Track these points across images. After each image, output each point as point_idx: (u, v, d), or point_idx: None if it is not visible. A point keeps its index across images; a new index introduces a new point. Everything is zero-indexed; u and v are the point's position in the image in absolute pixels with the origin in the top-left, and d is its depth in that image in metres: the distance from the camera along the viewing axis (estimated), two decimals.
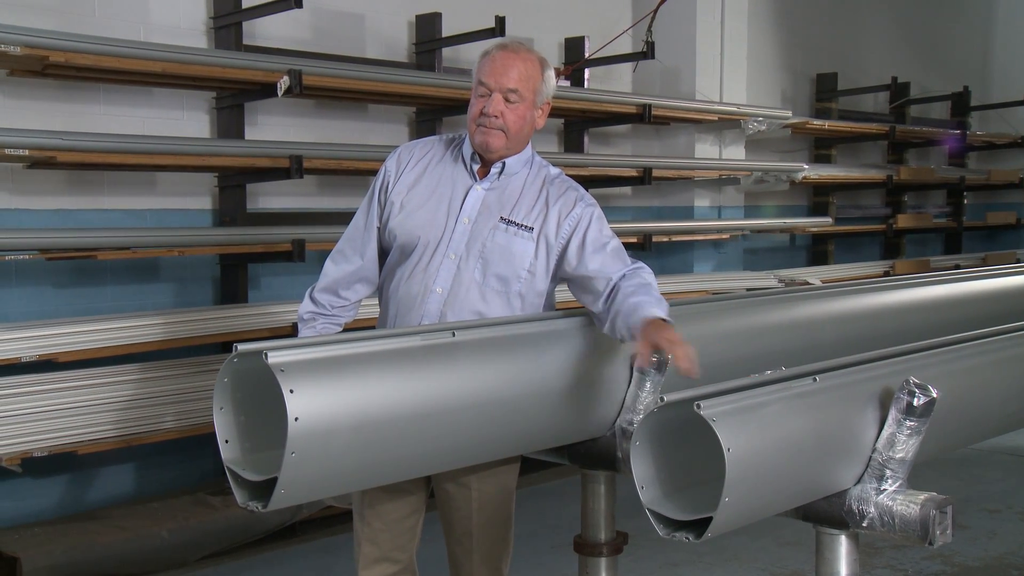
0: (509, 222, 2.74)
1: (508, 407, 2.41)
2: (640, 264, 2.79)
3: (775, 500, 2.09)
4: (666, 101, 6.93)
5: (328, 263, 2.88)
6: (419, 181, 2.79)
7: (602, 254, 2.74)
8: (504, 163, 2.78)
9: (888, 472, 2.13)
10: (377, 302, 2.93)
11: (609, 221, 2.92)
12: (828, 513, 2.17)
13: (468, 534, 2.86)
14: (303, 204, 5.60)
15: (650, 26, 6.77)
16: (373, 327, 2.75)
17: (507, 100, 2.70)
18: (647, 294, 2.59)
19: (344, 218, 3.05)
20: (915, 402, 2.08)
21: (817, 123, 8.39)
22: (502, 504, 2.88)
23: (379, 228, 2.84)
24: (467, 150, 2.81)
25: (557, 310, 2.87)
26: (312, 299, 2.87)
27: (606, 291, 2.67)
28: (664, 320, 2.49)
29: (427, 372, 2.30)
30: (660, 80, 7.44)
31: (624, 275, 2.69)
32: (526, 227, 2.74)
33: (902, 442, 2.12)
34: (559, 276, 2.82)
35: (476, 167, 2.78)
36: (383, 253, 2.87)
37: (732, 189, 7.76)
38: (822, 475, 2.12)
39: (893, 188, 9.24)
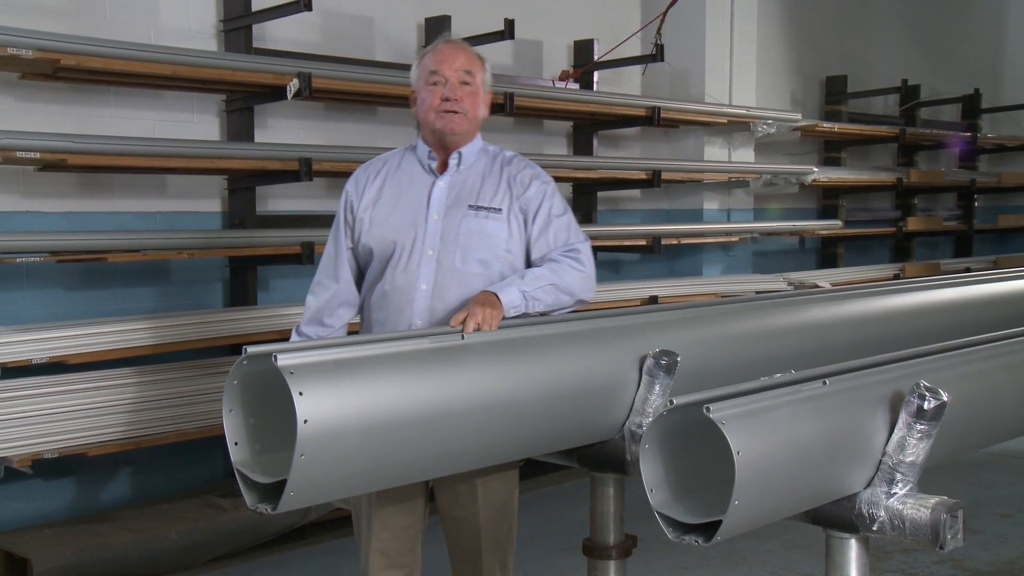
0: (478, 207, 2.83)
1: (517, 409, 2.41)
2: (572, 250, 2.86)
3: (785, 503, 2.09)
4: (675, 104, 6.92)
5: (309, 297, 2.96)
6: (381, 193, 2.88)
7: (549, 232, 2.86)
8: (460, 154, 2.86)
9: (898, 476, 2.13)
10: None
11: (618, 224, 2.95)
12: (838, 517, 2.17)
13: (476, 533, 2.89)
14: (312, 207, 5.61)
15: (659, 29, 6.77)
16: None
17: (463, 83, 2.81)
18: (521, 276, 2.75)
19: None
20: (926, 406, 2.07)
21: (827, 126, 8.37)
22: (507, 503, 2.92)
23: (352, 249, 2.92)
24: (421, 151, 2.90)
25: (565, 312, 2.88)
26: (300, 334, 2.93)
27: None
28: (495, 296, 2.63)
29: (436, 374, 2.30)
30: (669, 83, 7.44)
31: (545, 255, 2.84)
32: (495, 209, 2.83)
33: (912, 446, 2.11)
34: None
35: (434, 164, 2.87)
36: (360, 274, 2.94)
37: (741, 192, 7.75)
38: (832, 478, 2.11)
39: (903, 191, 9.21)
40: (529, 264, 2.88)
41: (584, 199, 6.98)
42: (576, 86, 6.82)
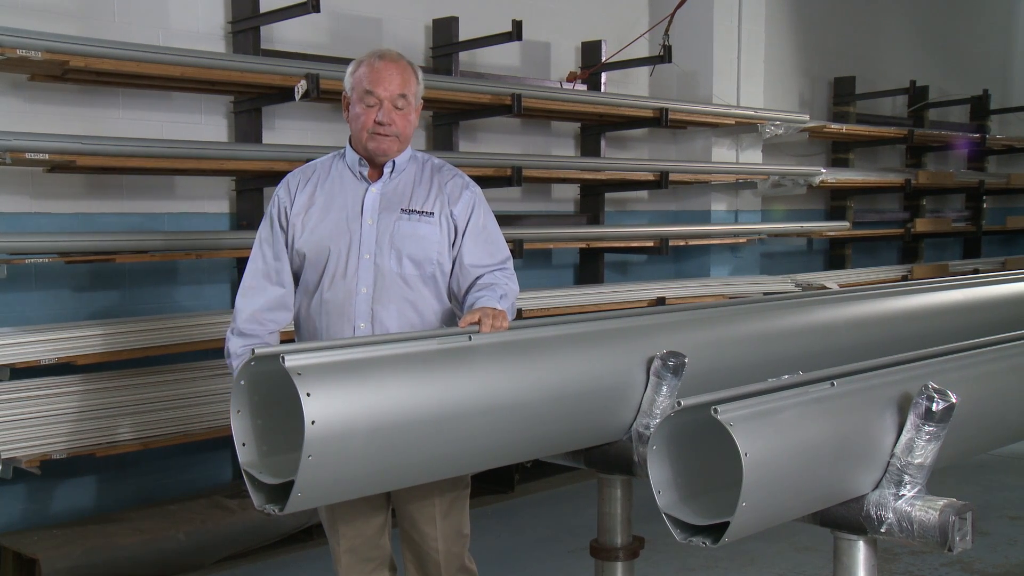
0: (411, 211, 2.89)
1: (524, 411, 2.41)
2: (504, 265, 2.96)
3: (792, 505, 2.08)
4: (683, 105, 6.92)
5: (240, 300, 2.91)
6: (313, 200, 2.90)
7: (479, 243, 2.94)
8: (394, 163, 2.91)
9: (907, 477, 2.12)
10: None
11: (626, 225, 2.97)
12: (846, 518, 2.16)
13: (435, 552, 2.96)
14: None
15: (667, 30, 6.77)
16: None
17: (396, 107, 2.84)
18: (491, 291, 2.81)
19: None
20: (934, 407, 2.07)
21: (835, 127, 8.36)
22: (462, 523, 3.00)
23: (287, 255, 2.91)
24: (351, 159, 2.93)
25: (570, 314, 2.89)
26: (241, 334, 2.87)
27: (470, 283, 2.90)
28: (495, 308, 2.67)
29: (443, 376, 2.30)
30: (677, 84, 7.44)
31: (485, 274, 2.91)
32: (427, 212, 2.89)
33: (921, 447, 2.11)
34: None
35: (365, 171, 2.91)
36: (294, 281, 2.94)
37: (749, 193, 7.74)
38: (840, 480, 2.11)
39: (911, 192, 9.19)
40: (453, 268, 2.94)
41: (592, 200, 6.98)
42: (584, 87, 6.82)
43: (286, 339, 2.88)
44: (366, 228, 2.85)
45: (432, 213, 2.89)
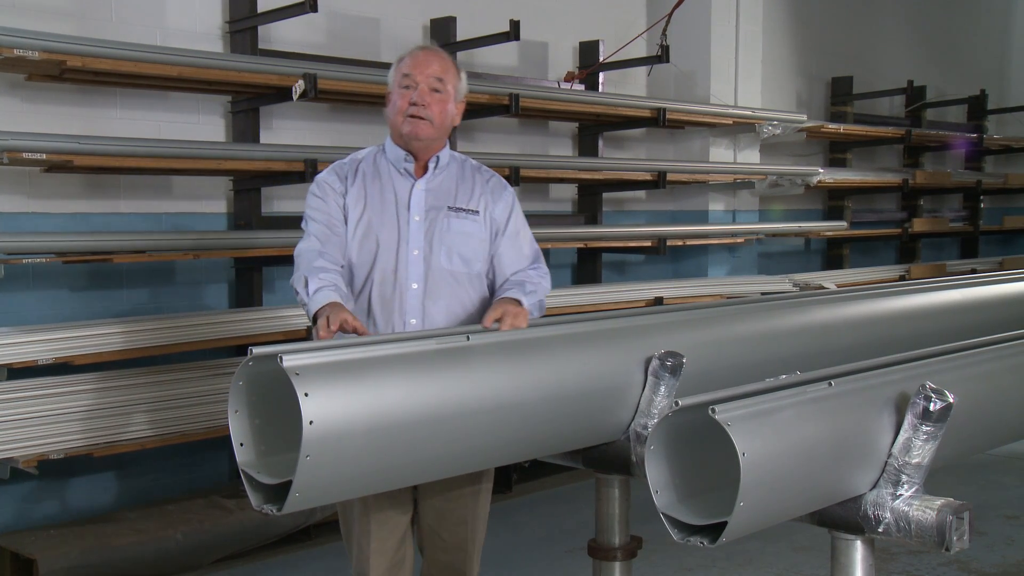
0: (456, 209, 2.90)
1: (522, 411, 2.41)
2: (538, 264, 2.99)
3: (790, 505, 2.08)
4: (681, 105, 6.92)
5: (311, 243, 2.81)
6: (362, 193, 2.89)
7: (515, 243, 2.98)
8: (438, 157, 2.93)
9: (904, 477, 2.12)
10: None
11: (623, 225, 3.00)
12: (843, 518, 2.17)
13: (465, 540, 2.97)
14: None
15: (665, 30, 6.77)
16: None
17: (433, 90, 2.86)
18: (519, 287, 2.83)
19: None
20: (931, 407, 2.07)
21: (832, 127, 8.36)
22: (487, 499, 3.03)
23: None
24: (394, 155, 2.92)
25: (568, 314, 2.90)
26: (320, 270, 2.71)
27: (504, 281, 2.92)
28: (518, 301, 2.72)
29: (441, 376, 2.30)
30: (675, 84, 7.44)
31: (519, 271, 2.94)
32: (472, 211, 2.92)
33: (918, 447, 2.11)
34: None
35: (410, 167, 2.91)
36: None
37: (747, 193, 7.75)
38: (837, 480, 2.11)
39: (909, 192, 9.20)
40: (491, 265, 2.96)
41: (589, 200, 6.98)
42: (581, 87, 6.82)
43: (286, 340, 2.88)
44: (414, 224, 2.86)
45: (477, 211, 2.92)
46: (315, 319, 2.58)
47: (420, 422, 2.22)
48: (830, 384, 2.15)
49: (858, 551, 2.19)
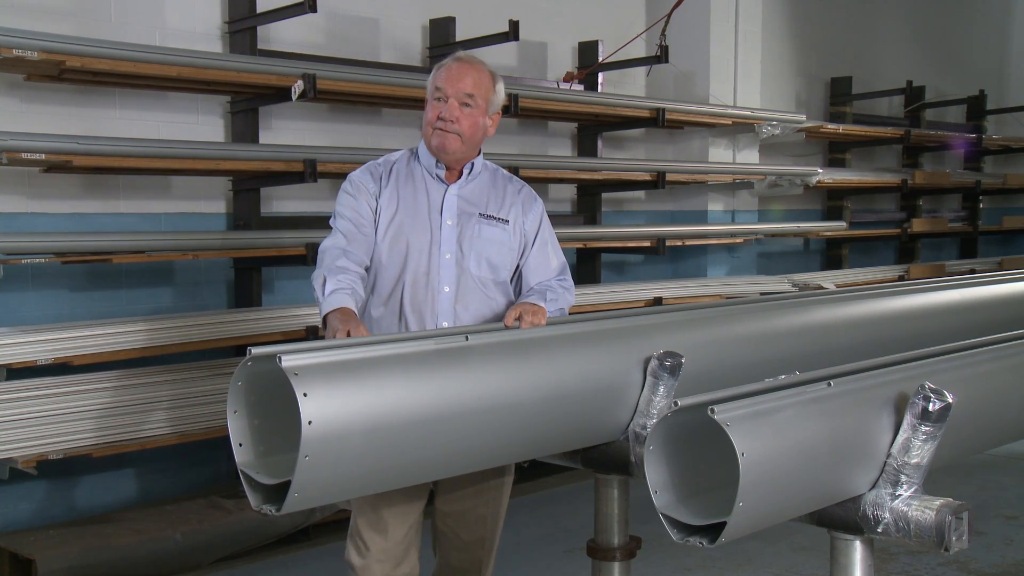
0: (488, 216, 2.92)
1: (521, 411, 2.41)
2: (563, 276, 3.01)
3: (789, 505, 2.08)
4: (680, 105, 6.92)
5: (338, 240, 2.81)
6: (395, 195, 2.90)
7: (543, 255, 3.01)
8: (472, 164, 2.94)
9: (903, 477, 2.12)
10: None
11: (623, 225, 3.01)
12: (843, 518, 2.17)
13: (483, 530, 3.02)
14: (317, 208, 5.61)
15: (664, 30, 6.77)
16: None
17: (463, 105, 2.85)
18: (539, 294, 2.87)
19: None
20: (931, 407, 2.07)
21: (831, 127, 8.37)
22: (507, 494, 3.08)
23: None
24: (427, 161, 2.93)
25: (570, 314, 2.90)
26: (339, 270, 2.72)
27: (527, 288, 2.96)
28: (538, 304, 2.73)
29: (440, 376, 2.30)
30: (674, 84, 7.44)
31: (543, 281, 2.97)
32: (503, 220, 2.94)
33: (917, 447, 2.11)
34: None
35: (442, 173, 2.93)
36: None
37: (746, 193, 7.75)
38: (837, 480, 2.11)
39: (908, 192, 9.20)
40: (516, 274, 2.99)
41: (588, 200, 6.98)
42: (581, 87, 6.82)
43: (285, 340, 2.88)
44: (447, 228, 2.88)
45: (507, 221, 2.94)
46: (325, 320, 2.62)
47: (419, 422, 2.21)
48: (829, 384, 2.15)
49: (857, 551, 2.19)
